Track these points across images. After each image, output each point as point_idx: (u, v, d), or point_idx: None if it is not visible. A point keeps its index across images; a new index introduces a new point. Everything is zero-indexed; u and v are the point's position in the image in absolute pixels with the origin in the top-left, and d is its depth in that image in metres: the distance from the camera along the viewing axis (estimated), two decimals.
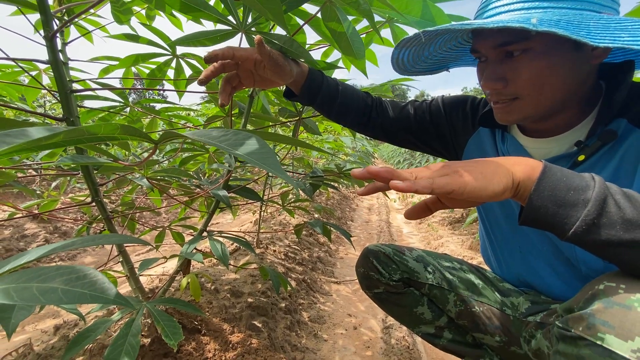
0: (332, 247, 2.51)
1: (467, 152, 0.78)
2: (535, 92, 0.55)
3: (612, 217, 0.39)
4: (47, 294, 0.25)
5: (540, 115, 0.59)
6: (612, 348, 0.37)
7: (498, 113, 0.61)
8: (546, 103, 0.56)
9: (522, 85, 0.55)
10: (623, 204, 0.39)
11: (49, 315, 1.57)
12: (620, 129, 0.55)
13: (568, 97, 0.56)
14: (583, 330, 0.40)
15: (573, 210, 0.40)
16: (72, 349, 0.55)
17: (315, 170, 1.19)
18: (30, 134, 0.23)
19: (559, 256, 0.66)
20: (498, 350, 0.79)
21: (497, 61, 0.57)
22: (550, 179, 0.42)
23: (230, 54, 0.64)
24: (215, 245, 0.85)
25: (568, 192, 0.40)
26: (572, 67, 0.53)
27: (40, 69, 1.04)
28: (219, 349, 0.97)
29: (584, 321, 0.40)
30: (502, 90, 0.57)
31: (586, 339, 0.40)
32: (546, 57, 0.53)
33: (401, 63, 0.68)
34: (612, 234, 0.39)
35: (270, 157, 0.25)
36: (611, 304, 0.39)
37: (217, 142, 0.26)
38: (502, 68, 0.56)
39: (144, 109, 1.13)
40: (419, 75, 0.75)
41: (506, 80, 0.56)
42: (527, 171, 0.43)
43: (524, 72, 0.54)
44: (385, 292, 0.85)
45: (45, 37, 0.58)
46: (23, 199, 3.21)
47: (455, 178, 0.42)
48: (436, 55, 0.69)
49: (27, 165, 0.98)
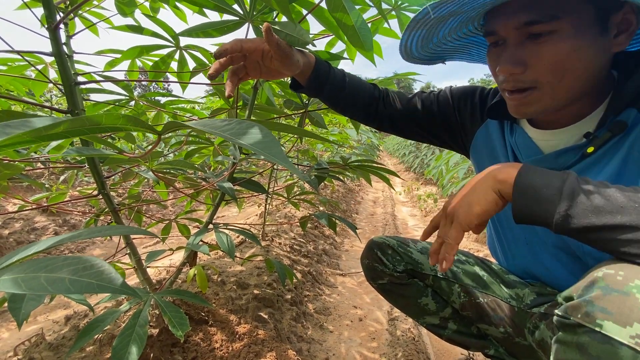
0: (338, 239, 2.52)
1: (475, 144, 0.77)
2: (555, 80, 0.53)
3: (583, 206, 0.43)
4: (55, 284, 0.26)
5: (557, 107, 0.56)
6: (611, 334, 0.37)
7: (513, 106, 0.58)
8: (565, 93, 0.54)
9: (543, 71, 0.52)
10: (592, 194, 0.43)
11: (60, 306, 1.60)
12: (630, 119, 0.54)
13: (585, 87, 0.54)
14: (582, 317, 0.40)
15: (549, 205, 0.44)
16: (82, 339, 0.56)
17: (320, 163, 1.19)
18: (31, 124, 0.23)
19: (564, 248, 0.65)
20: (503, 342, 0.79)
21: (518, 43, 0.54)
22: (525, 180, 0.47)
23: (239, 46, 0.63)
24: (221, 237, 0.86)
25: (542, 189, 0.45)
26: (595, 54, 0.52)
27: (46, 62, 1.04)
28: (226, 339, 0.98)
29: (583, 308, 0.40)
30: (520, 76, 0.54)
31: (585, 326, 0.39)
32: (573, 41, 0.50)
33: (408, 49, 0.67)
34: (584, 222, 0.43)
35: (274, 146, 0.24)
36: (609, 291, 0.39)
37: (220, 131, 0.26)
38: (523, 51, 0.53)
39: (149, 102, 1.13)
40: (420, 63, 0.74)
41: (526, 64, 0.53)
42: (503, 178, 0.49)
43: (548, 56, 0.51)
44: (390, 283, 0.85)
45: (49, 28, 0.58)
46: (33, 193, 3.26)
47: (456, 223, 0.52)
48: (445, 43, 0.68)
49: (35, 158, 0.99)
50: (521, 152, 0.68)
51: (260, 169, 1.91)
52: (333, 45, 1.02)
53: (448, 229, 0.54)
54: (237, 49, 0.63)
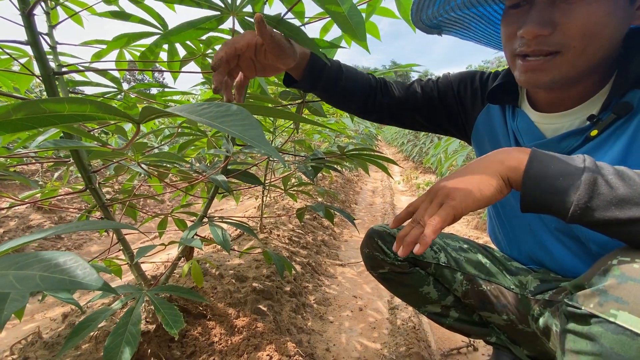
0: (336, 230, 2.51)
1: (476, 129, 0.75)
2: (582, 44, 0.49)
3: (605, 198, 0.39)
4: (24, 281, 0.24)
5: (573, 77, 0.53)
6: (626, 325, 0.35)
7: (528, 71, 0.54)
8: (586, 62, 0.51)
9: (573, 34, 0.49)
10: (615, 183, 0.39)
11: (57, 304, 1.59)
12: (635, 101, 0.51)
13: (604, 59, 0.52)
14: (594, 307, 0.38)
15: (566, 196, 0.41)
16: (72, 339, 0.54)
17: (316, 153, 1.16)
18: None
19: (568, 233, 0.64)
20: (505, 329, 0.78)
21: (547, 2, 0.50)
22: (538, 168, 0.43)
23: (232, 49, 0.57)
24: (215, 231, 0.84)
25: (557, 178, 0.41)
26: (621, 22, 0.49)
27: (30, 55, 1.00)
28: (225, 333, 0.97)
29: (596, 298, 0.38)
30: (547, 38, 0.50)
31: (598, 316, 0.38)
32: (607, 5, 0.47)
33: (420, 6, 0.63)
34: (607, 215, 0.39)
35: (252, 128, 0.22)
36: (625, 279, 0.37)
37: (197, 115, 0.24)
38: (552, 11, 0.50)
39: (138, 94, 1.10)
40: (420, 27, 0.70)
41: (555, 25, 0.50)
42: (513, 164, 0.45)
43: (580, 17, 0.48)
44: (391, 272, 0.83)
45: (22, 14, 0.54)
46: (26, 190, 3.22)
47: (449, 205, 0.46)
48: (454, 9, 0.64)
49: (24, 154, 0.96)
50: (523, 136, 0.65)
51: (257, 160, 1.88)
52: (328, 30, 0.99)
53: (434, 210, 0.47)
54: (232, 52, 0.57)
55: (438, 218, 0.45)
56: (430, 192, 0.50)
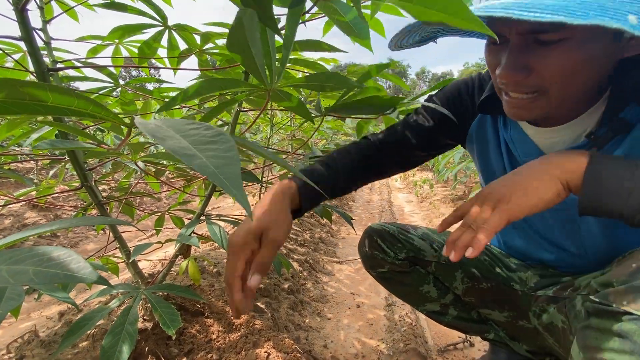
0: (334, 227, 2.51)
1: (469, 138, 0.73)
2: (562, 85, 0.48)
3: None
4: (17, 276, 0.24)
5: (560, 111, 0.53)
6: None
7: (513, 108, 0.53)
8: (570, 98, 0.50)
9: (550, 78, 0.47)
10: None
11: (54, 303, 1.57)
12: (631, 117, 0.51)
13: (592, 88, 0.51)
14: (628, 304, 0.38)
15: (631, 200, 0.40)
16: (69, 339, 0.53)
17: (314, 151, 1.16)
18: None
19: (567, 226, 0.64)
20: (505, 325, 0.78)
21: (522, 47, 0.48)
22: (598, 171, 0.42)
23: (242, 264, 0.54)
24: (213, 228, 0.83)
25: (621, 181, 0.41)
26: (606, 60, 0.47)
27: (25, 50, 0.99)
28: (223, 330, 0.97)
29: (630, 295, 0.38)
30: (523, 81, 0.49)
31: (632, 313, 0.37)
32: (584, 48, 0.44)
33: (399, 43, 0.60)
34: None
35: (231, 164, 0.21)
36: None
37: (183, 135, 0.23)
38: (527, 56, 0.47)
39: (135, 90, 1.09)
40: (410, 48, 0.69)
41: (530, 70, 0.48)
42: (571, 168, 0.44)
43: (555, 63, 0.46)
44: (390, 272, 0.83)
45: (16, 9, 0.53)
46: (22, 189, 3.20)
47: (503, 209, 0.45)
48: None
49: (18, 151, 0.95)
50: (517, 147, 0.64)
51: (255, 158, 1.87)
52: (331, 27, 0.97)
53: (487, 214, 0.46)
54: (242, 267, 0.53)
55: (493, 221, 0.44)
56: (479, 195, 0.49)
